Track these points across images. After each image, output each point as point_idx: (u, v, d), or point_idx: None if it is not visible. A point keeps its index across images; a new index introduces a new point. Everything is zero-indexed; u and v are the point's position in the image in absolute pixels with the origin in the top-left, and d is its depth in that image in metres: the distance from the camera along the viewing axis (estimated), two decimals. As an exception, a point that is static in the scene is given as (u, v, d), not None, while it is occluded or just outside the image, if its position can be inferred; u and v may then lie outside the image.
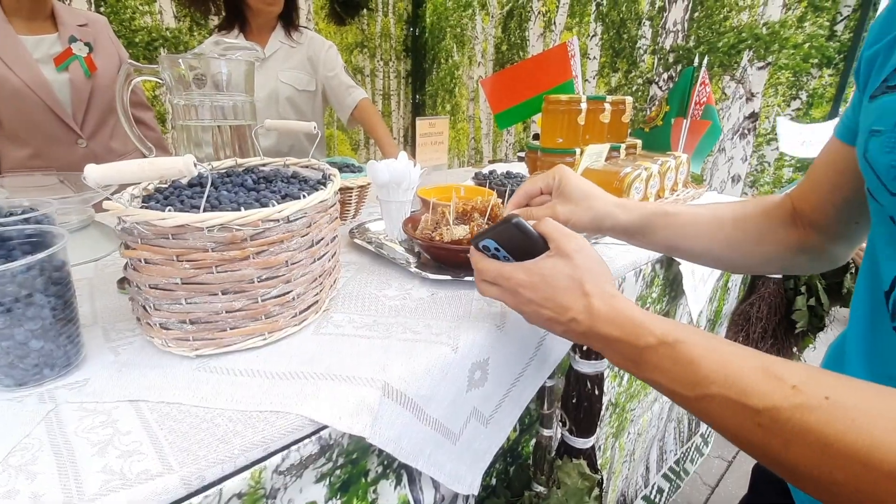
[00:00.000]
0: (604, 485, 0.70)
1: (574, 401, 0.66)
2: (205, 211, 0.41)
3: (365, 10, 3.49)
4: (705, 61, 1.32)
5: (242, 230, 0.40)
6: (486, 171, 0.96)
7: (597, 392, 0.64)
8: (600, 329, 0.39)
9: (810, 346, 1.72)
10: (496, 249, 0.47)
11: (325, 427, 0.39)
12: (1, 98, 1.08)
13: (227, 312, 0.43)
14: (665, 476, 1.54)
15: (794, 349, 1.70)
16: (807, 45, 2.19)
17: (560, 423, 0.67)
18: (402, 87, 3.94)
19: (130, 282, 0.44)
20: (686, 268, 0.96)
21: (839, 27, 2.09)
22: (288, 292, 0.46)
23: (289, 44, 1.48)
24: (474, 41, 3.62)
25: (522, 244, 0.45)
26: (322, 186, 0.54)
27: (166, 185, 0.52)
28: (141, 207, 0.45)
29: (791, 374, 0.29)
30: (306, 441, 0.38)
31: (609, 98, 1.15)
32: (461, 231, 0.64)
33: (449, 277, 0.62)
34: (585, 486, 0.64)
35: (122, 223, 0.40)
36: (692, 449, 1.70)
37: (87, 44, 1.18)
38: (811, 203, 0.50)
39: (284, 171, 0.61)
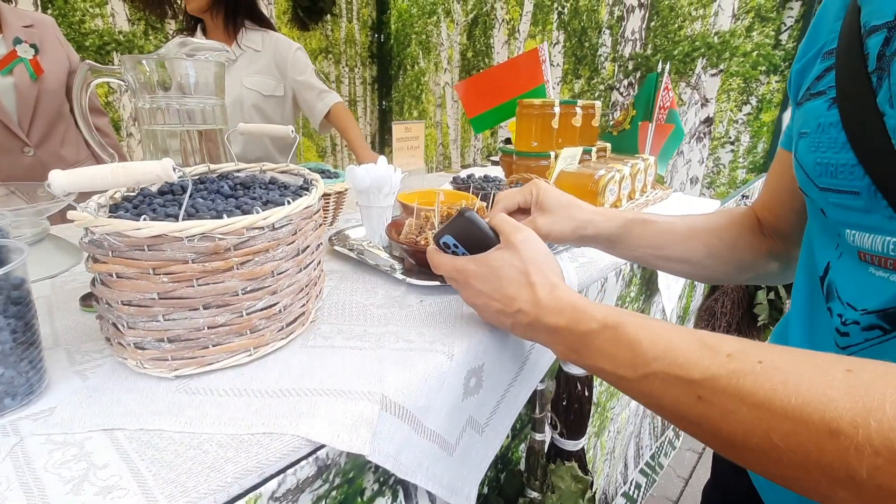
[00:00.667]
0: (593, 485, 0.70)
1: (564, 403, 0.66)
2: (183, 219, 0.38)
3: (329, 16, 3.45)
4: (668, 67, 1.37)
5: (226, 239, 0.38)
6: (464, 175, 0.96)
7: (586, 393, 0.65)
8: (545, 319, 0.39)
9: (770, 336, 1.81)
10: (455, 246, 0.47)
11: (322, 447, 0.37)
12: None
13: (209, 328, 0.40)
14: (642, 471, 1.58)
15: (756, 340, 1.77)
16: (755, 53, 2.32)
17: (551, 426, 0.67)
18: (368, 93, 3.91)
19: (99, 299, 0.40)
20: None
21: (784, 37, 2.22)
22: (274, 304, 0.43)
23: (254, 48, 1.43)
24: (440, 48, 3.64)
25: (477, 239, 0.46)
26: (305, 192, 0.52)
27: (134, 194, 0.49)
28: (109, 217, 0.41)
29: (725, 344, 0.30)
30: (303, 463, 0.36)
31: (580, 102, 1.18)
32: (447, 236, 0.62)
33: (437, 283, 0.60)
34: (579, 489, 0.64)
35: (91, 235, 0.37)
36: (665, 443, 1.75)
37: (32, 45, 1.10)
38: (773, 212, 0.53)
39: (261, 176, 0.59)
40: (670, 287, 1.06)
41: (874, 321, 0.34)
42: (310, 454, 0.36)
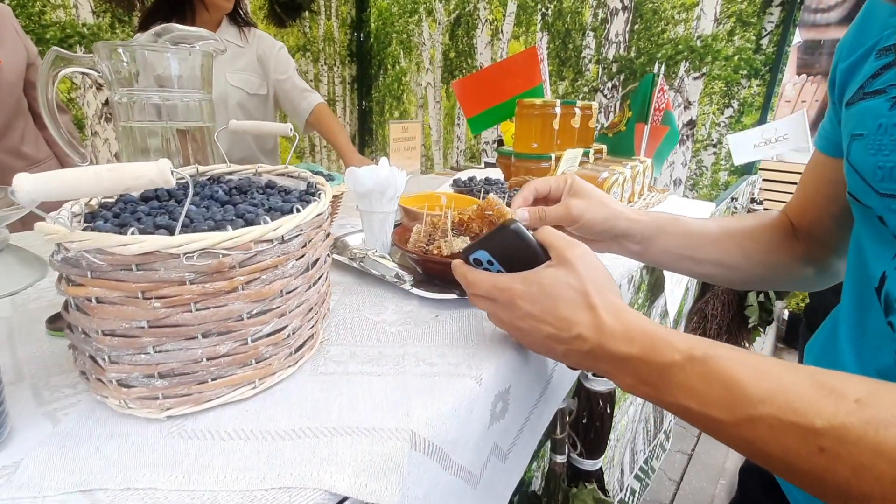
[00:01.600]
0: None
1: (585, 421, 0.62)
2: (179, 232, 0.32)
3: (307, 13, 3.35)
4: (663, 69, 1.36)
5: (231, 255, 0.32)
6: (464, 177, 0.91)
7: (608, 410, 0.61)
8: (611, 347, 0.35)
9: (759, 337, 1.83)
10: (489, 262, 0.42)
11: (346, 499, 0.31)
12: None
13: (208, 360, 0.34)
14: (636, 476, 1.56)
15: (745, 342, 1.79)
16: (736, 57, 2.35)
17: (570, 446, 0.63)
18: (347, 93, 3.82)
19: (74, 327, 0.34)
20: (667, 271, 0.96)
21: (764, 41, 2.26)
22: (283, 328, 0.37)
23: (237, 43, 1.35)
24: (421, 47, 3.59)
25: (520, 254, 0.41)
26: (311, 197, 0.46)
27: (113, 200, 0.42)
28: (85, 229, 0.35)
29: (850, 386, 0.26)
30: (326, 519, 0.30)
31: (579, 103, 1.15)
32: (461, 243, 0.58)
33: (452, 296, 0.56)
34: (603, 513, 0.60)
35: (64, 252, 0.31)
36: (657, 446, 1.74)
37: None
38: (809, 218, 0.51)
39: (257, 179, 0.53)
40: (674, 292, 1.04)
41: None
42: (334, 509, 0.31)
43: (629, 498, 1.52)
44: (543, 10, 2.95)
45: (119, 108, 0.56)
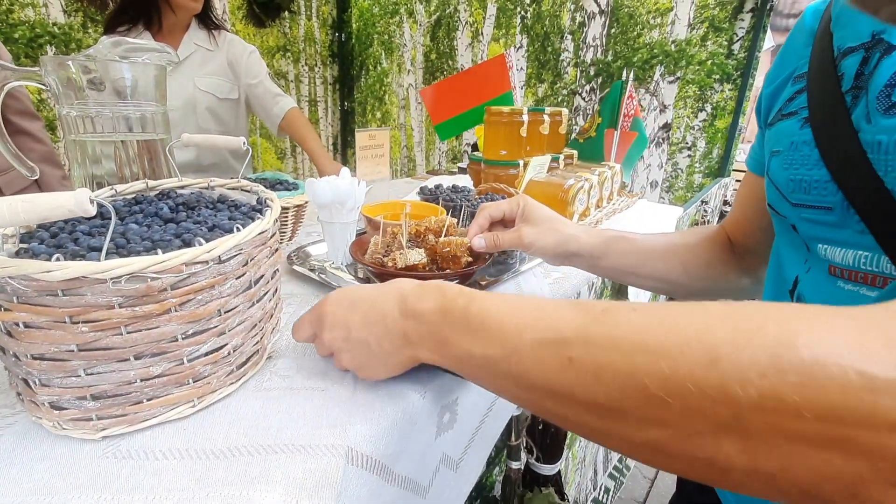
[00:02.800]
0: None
1: (540, 427, 0.63)
2: (108, 256, 0.32)
3: (286, 13, 3.32)
4: (632, 75, 1.38)
5: (160, 279, 0.32)
6: (431, 185, 0.92)
7: (563, 417, 0.62)
8: (414, 306, 0.36)
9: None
10: None
11: (279, 515, 0.32)
12: None
13: (142, 381, 0.34)
14: (610, 475, 1.59)
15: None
16: (709, 61, 2.40)
17: (527, 452, 0.64)
18: (329, 93, 3.80)
19: (5, 350, 0.34)
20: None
21: (736, 47, 2.31)
22: (222, 346, 0.38)
23: (206, 46, 1.34)
24: (403, 49, 3.59)
25: None
26: (257, 213, 0.46)
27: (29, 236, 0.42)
28: (18, 252, 0.35)
29: (599, 303, 0.28)
30: (256, 538, 0.31)
31: (548, 110, 1.16)
32: (416, 255, 0.58)
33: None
34: (557, 517, 0.61)
35: (-11, 277, 0.31)
36: (633, 445, 1.77)
37: None
38: (743, 230, 0.56)
39: (209, 194, 0.53)
40: (639, 296, 1.06)
41: None
42: (264, 527, 0.31)
43: (603, 496, 1.55)
44: (523, 13, 2.97)
45: (68, 121, 0.55)
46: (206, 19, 1.35)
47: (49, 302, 0.30)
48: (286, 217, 0.77)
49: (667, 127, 2.59)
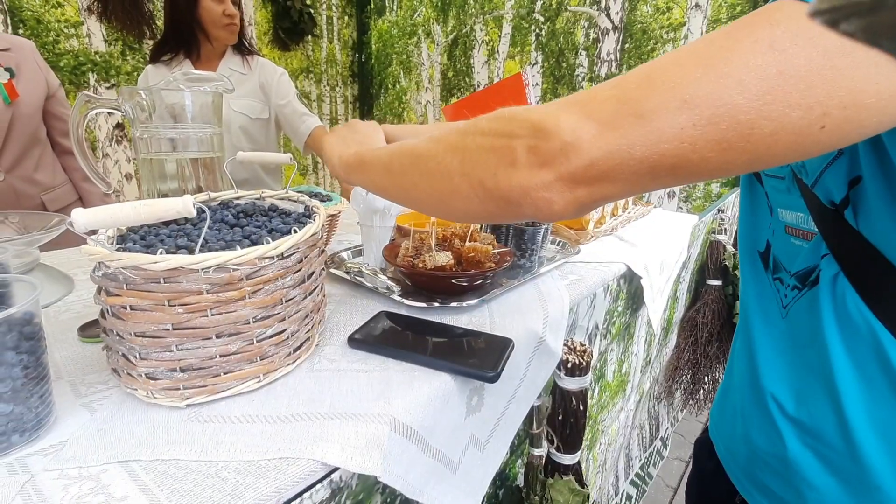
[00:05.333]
0: (590, 498, 0.71)
1: (560, 418, 0.67)
2: (197, 252, 0.39)
3: (309, 37, 3.48)
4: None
5: (239, 269, 0.39)
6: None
7: (581, 408, 0.67)
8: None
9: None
10: None
11: (335, 469, 0.38)
12: None
13: (221, 356, 0.40)
14: (632, 482, 1.60)
15: (736, 350, 1.83)
16: (723, 73, 2.43)
17: (548, 441, 0.69)
18: (349, 112, 3.94)
19: (109, 330, 0.40)
20: (645, 282, 1.02)
21: (749, 58, 2.35)
22: (283, 331, 0.44)
23: (240, 70, 1.45)
24: (420, 67, 3.70)
25: None
26: (307, 219, 0.53)
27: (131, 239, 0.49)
28: (119, 250, 0.42)
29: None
30: (318, 486, 0.36)
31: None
32: (444, 257, 0.64)
33: (436, 304, 0.62)
34: (577, 502, 0.65)
35: (104, 268, 0.38)
36: (654, 453, 1.78)
37: (7, 69, 1.09)
38: None
39: (261, 203, 0.60)
40: (655, 301, 1.10)
41: (794, 282, 0.43)
42: (324, 477, 0.37)
43: (625, 503, 1.56)
44: (537, 31, 3.05)
45: (140, 143, 0.63)
46: (241, 46, 1.46)
47: (152, 288, 0.37)
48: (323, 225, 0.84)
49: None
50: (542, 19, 2.98)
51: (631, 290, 1.02)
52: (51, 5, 2.29)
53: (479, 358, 0.50)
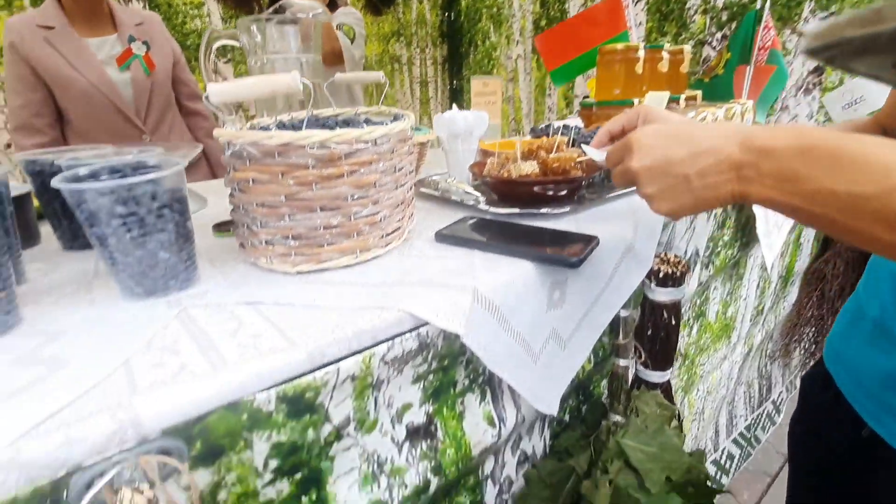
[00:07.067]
0: (682, 419, 0.69)
1: (650, 332, 0.65)
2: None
3: (400, 0, 3.52)
4: (768, 3, 1.24)
5: (339, 147, 0.43)
6: (542, 126, 0.96)
7: (673, 322, 0.64)
8: (757, 140, 0.36)
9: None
10: None
11: (423, 325, 0.41)
12: (70, 99, 1.16)
13: (324, 228, 0.46)
14: (735, 442, 1.49)
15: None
16: (879, -14, 2.01)
17: (636, 356, 0.67)
18: (439, 73, 3.95)
19: (237, 207, 0.48)
20: (760, 211, 0.92)
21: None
22: (377, 213, 0.49)
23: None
24: (511, 19, 3.57)
25: None
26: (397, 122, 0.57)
27: (257, 126, 0.56)
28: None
29: None
30: (407, 336, 0.40)
31: (667, 46, 1.12)
32: (529, 166, 0.64)
33: (517, 210, 0.63)
34: (665, 415, 0.64)
35: (232, 147, 0.44)
36: (763, 416, 1.63)
37: (144, 42, 1.24)
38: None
39: (357, 118, 0.64)
40: (770, 235, 0.99)
41: None
42: (413, 329, 0.41)
43: (726, 462, 1.47)
44: (641, -37, 2.76)
45: (254, 71, 0.71)
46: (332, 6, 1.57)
47: (269, 162, 0.43)
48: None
49: (818, 71, 2.23)
50: (647, -53, 2.68)
51: (741, 220, 0.92)
52: (179, -10, 2.58)
53: (561, 247, 0.50)
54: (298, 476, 0.39)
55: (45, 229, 0.64)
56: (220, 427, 0.32)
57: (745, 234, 0.97)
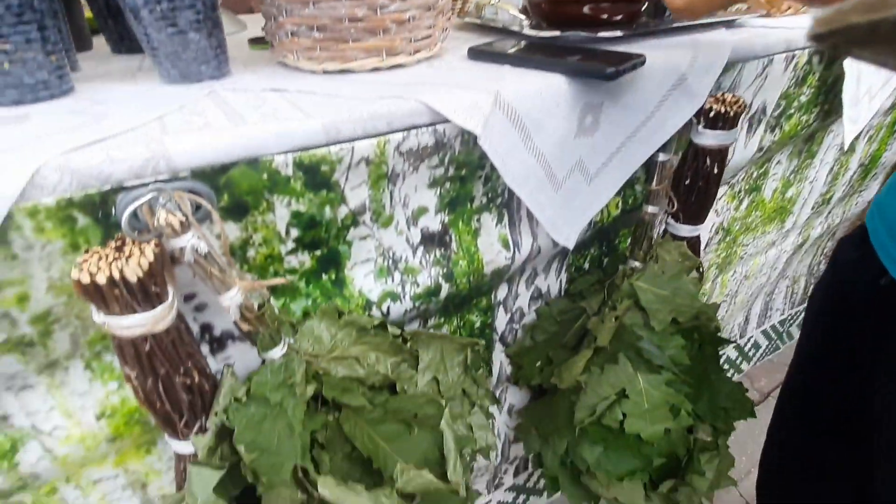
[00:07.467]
0: (703, 272, 0.68)
1: (687, 181, 0.62)
2: None
3: None
4: None
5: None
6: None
7: (715, 171, 0.60)
8: None
9: None
10: None
11: (441, 122, 0.41)
12: None
13: (349, 21, 0.44)
14: (765, 333, 1.49)
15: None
16: None
17: (667, 208, 0.65)
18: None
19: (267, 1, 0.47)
20: (852, 70, 0.79)
21: None
22: (405, 11, 0.46)
23: None
24: None
25: None
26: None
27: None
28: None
29: None
30: (423, 129, 0.41)
31: None
32: (582, -17, 0.57)
33: (557, 33, 0.58)
34: (686, 265, 0.63)
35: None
36: (801, 315, 1.60)
37: None
38: None
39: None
40: (858, 104, 0.86)
41: None
42: (429, 124, 0.41)
43: (751, 350, 1.49)
44: None
45: None
46: None
47: (289, -66, 0.40)
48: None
49: None
50: None
51: (826, 79, 0.80)
52: None
53: (598, 60, 0.47)
54: (318, 252, 0.43)
55: (98, 40, 0.67)
56: (244, 182, 0.35)
57: (828, 101, 0.85)
